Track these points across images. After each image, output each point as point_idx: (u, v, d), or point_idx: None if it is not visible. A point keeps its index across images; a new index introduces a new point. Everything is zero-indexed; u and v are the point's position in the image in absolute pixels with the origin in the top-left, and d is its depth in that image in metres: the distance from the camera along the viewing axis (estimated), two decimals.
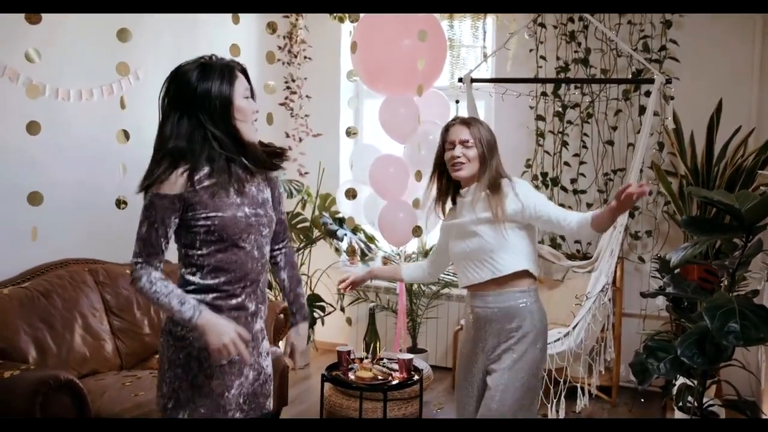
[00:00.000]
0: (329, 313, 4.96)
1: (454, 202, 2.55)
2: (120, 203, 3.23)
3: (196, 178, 1.85)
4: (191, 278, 1.93)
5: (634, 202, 2.13)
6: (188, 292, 1.89)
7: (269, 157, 2.02)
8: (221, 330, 1.79)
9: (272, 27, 3.42)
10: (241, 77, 1.95)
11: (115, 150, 3.33)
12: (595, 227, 2.27)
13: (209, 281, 1.91)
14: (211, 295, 1.92)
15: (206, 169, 1.87)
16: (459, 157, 2.39)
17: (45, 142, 3.30)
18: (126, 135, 3.17)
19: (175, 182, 1.83)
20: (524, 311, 2.38)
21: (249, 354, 1.89)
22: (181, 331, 1.91)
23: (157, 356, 3.69)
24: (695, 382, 3.18)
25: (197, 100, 1.86)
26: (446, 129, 2.48)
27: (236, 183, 1.91)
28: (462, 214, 2.45)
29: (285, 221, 2.19)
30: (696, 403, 3.18)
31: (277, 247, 2.18)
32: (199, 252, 1.91)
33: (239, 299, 1.95)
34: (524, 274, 2.39)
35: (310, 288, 5.06)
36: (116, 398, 3.11)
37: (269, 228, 2.02)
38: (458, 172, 2.41)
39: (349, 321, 4.95)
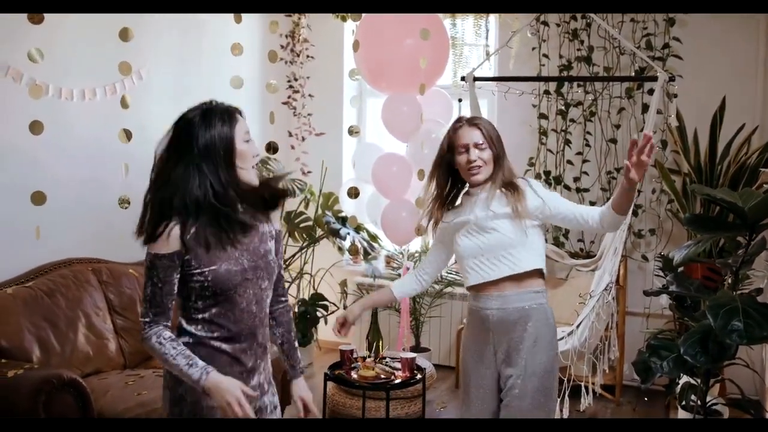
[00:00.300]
0: (332, 312, 4.96)
1: (453, 202, 2.50)
2: (123, 202, 3.23)
3: (192, 231, 1.82)
4: (188, 328, 1.91)
5: (647, 158, 2.05)
6: (185, 342, 1.87)
7: (271, 199, 1.98)
8: (225, 389, 1.77)
9: (275, 26, 3.41)
10: (241, 120, 1.91)
11: (117, 149, 3.34)
12: (617, 209, 2.24)
13: (204, 333, 1.89)
14: (205, 349, 1.88)
15: (201, 221, 1.83)
16: (476, 161, 2.33)
17: (48, 142, 3.32)
18: (128, 134, 3.17)
19: (170, 240, 1.80)
20: (539, 312, 2.34)
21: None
22: (180, 391, 1.89)
23: None
24: (699, 380, 3.17)
25: (200, 146, 1.82)
26: (453, 131, 2.41)
27: (233, 235, 1.86)
28: (472, 211, 2.39)
29: (283, 276, 2.12)
30: (699, 402, 3.17)
31: (273, 306, 2.10)
32: (195, 305, 1.89)
33: (234, 354, 1.91)
34: (538, 273, 2.37)
35: (313, 287, 5.07)
36: (119, 397, 3.12)
37: (269, 281, 1.97)
38: (477, 176, 2.36)
39: None
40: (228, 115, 1.88)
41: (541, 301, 2.36)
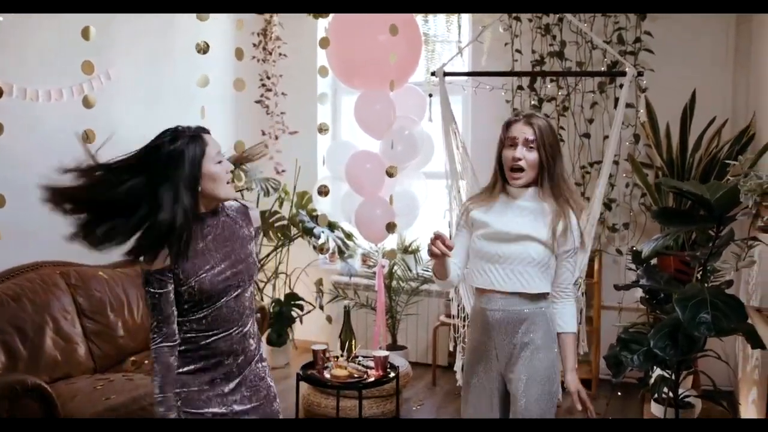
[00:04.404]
0: (308, 311, 4.93)
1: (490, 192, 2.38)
2: None
3: (177, 249, 1.93)
4: (184, 334, 2.02)
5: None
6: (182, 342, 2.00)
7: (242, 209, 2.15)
8: None
9: (240, 24, 3.37)
10: (211, 141, 1.99)
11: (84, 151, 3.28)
12: (558, 340, 2.35)
13: (193, 335, 2.01)
14: (195, 349, 2.02)
15: (184, 238, 1.93)
16: (520, 159, 2.23)
17: (11, 143, 3.25)
18: (91, 135, 3.10)
19: (163, 259, 1.93)
20: (541, 317, 2.30)
21: None
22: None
23: (132, 358, 3.69)
24: (671, 373, 3.19)
25: (172, 170, 1.92)
26: (507, 124, 2.31)
27: (213, 244, 2.01)
28: (505, 215, 2.30)
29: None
30: (671, 394, 3.19)
31: None
32: (183, 308, 2.00)
33: (221, 350, 2.04)
34: (545, 294, 2.33)
35: (289, 287, 5.03)
36: (87, 402, 3.07)
37: (250, 280, 2.10)
38: (517, 180, 2.26)
39: (329, 319, 4.92)
40: (198, 140, 1.96)
41: (543, 305, 2.32)
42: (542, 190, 2.28)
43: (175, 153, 1.92)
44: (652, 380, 3.38)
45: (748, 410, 3.40)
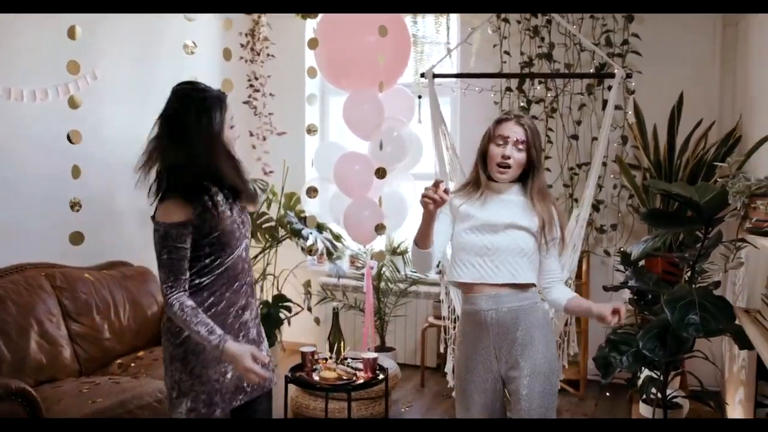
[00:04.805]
0: (296, 313, 4.90)
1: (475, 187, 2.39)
2: (74, 205, 3.14)
3: (205, 200, 2.07)
4: (198, 281, 2.13)
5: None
6: (195, 294, 2.11)
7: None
8: (238, 359, 2.01)
9: (229, 23, 3.35)
10: (229, 107, 2.16)
11: (70, 151, 3.25)
12: (566, 311, 2.40)
13: (204, 280, 2.12)
14: (206, 293, 2.13)
15: (211, 192, 2.09)
16: (509, 157, 2.28)
17: None
18: (78, 135, 3.07)
19: (185, 210, 2.04)
20: (534, 311, 2.31)
21: (266, 371, 2.07)
22: (176, 329, 2.11)
23: (119, 361, 3.66)
24: (659, 374, 3.20)
25: (197, 128, 2.07)
26: (498, 122, 2.34)
27: (231, 199, 2.17)
28: (488, 208, 2.32)
29: None
30: (660, 395, 3.20)
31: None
32: (197, 258, 2.11)
33: (230, 296, 2.17)
34: (533, 285, 2.35)
35: (277, 288, 5.01)
36: (73, 405, 3.03)
37: (250, 229, 2.30)
38: (503, 175, 2.30)
39: (317, 321, 4.90)
40: (220, 101, 2.13)
41: (535, 299, 2.33)
42: (526, 188, 2.35)
43: (204, 113, 2.07)
44: (640, 381, 3.40)
45: (735, 410, 3.42)
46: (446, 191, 2.05)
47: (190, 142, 2.05)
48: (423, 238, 2.23)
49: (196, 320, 2.02)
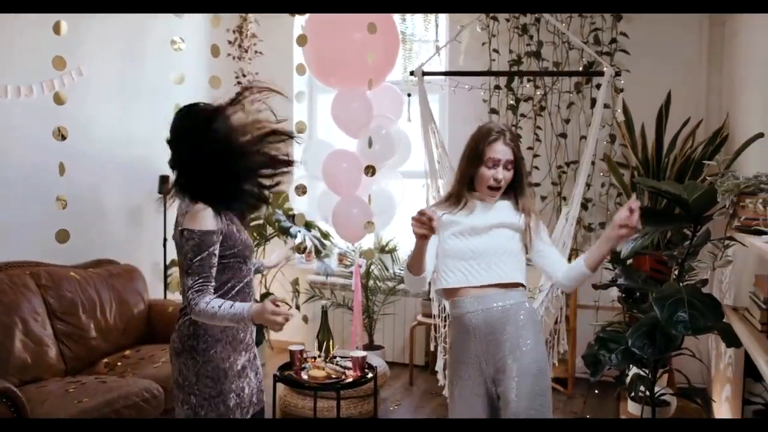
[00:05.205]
0: None
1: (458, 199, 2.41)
2: (60, 202, 3.09)
3: (225, 215, 2.18)
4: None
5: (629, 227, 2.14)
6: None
7: None
8: (261, 313, 2.06)
9: (217, 20, 3.31)
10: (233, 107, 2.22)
11: (55, 148, 3.20)
12: (590, 265, 2.29)
13: (224, 289, 2.19)
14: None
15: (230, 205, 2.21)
16: (501, 180, 2.32)
17: None
18: (64, 132, 3.02)
19: (214, 219, 2.12)
20: (520, 310, 2.30)
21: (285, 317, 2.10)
22: (202, 345, 2.17)
23: (105, 360, 3.62)
24: (647, 371, 3.21)
25: (226, 141, 2.16)
26: (488, 142, 2.32)
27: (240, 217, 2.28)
28: (472, 213, 2.35)
29: None
30: (648, 393, 3.21)
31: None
32: (237, 276, 2.22)
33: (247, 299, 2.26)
34: (521, 284, 2.36)
35: (265, 286, 4.98)
36: (59, 405, 3.00)
37: None
38: (493, 198, 2.35)
39: (305, 319, 4.88)
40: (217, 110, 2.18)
41: (522, 299, 2.32)
42: (509, 194, 2.39)
43: (220, 125, 2.15)
44: (628, 379, 3.40)
45: (722, 407, 3.44)
46: (430, 219, 2.09)
47: (199, 145, 2.14)
48: (417, 266, 2.27)
49: (220, 303, 2.07)
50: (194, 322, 2.15)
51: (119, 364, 3.62)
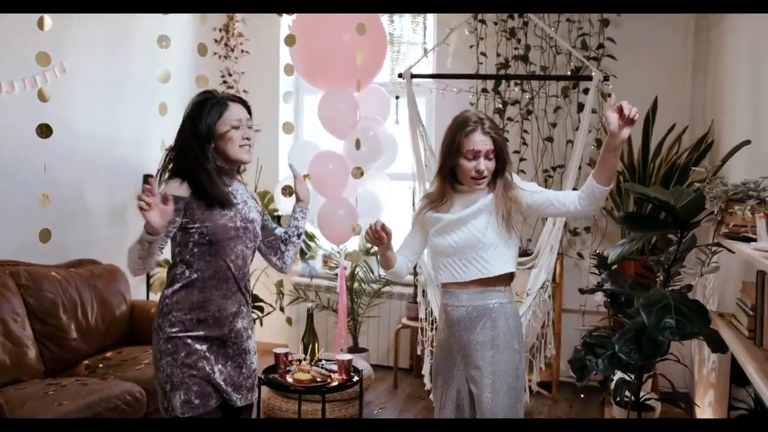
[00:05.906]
0: (268, 313, 4.84)
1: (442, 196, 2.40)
2: (43, 200, 3.04)
3: (195, 191, 2.18)
4: (182, 272, 2.22)
5: (626, 120, 2.05)
6: (178, 284, 2.21)
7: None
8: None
9: (204, 18, 3.28)
10: (235, 108, 2.25)
11: (38, 145, 3.15)
12: (601, 180, 2.15)
13: (197, 276, 2.21)
14: (198, 292, 2.21)
15: (203, 184, 2.18)
16: (483, 171, 2.27)
17: None
18: (46, 129, 2.97)
19: (179, 188, 2.15)
20: (499, 311, 2.31)
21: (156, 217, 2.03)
22: (165, 324, 2.20)
23: (86, 362, 3.56)
24: (632, 376, 3.21)
25: (196, 128, 2.21)
26: (465, 133, 2.27)
27: (224, 198, 2.22)
28: (452, 208, 2.35)
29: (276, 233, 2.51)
30: (633, 397, 3.21)
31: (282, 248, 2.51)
32: (190, 252, 2.21)
33: (221, 297, 2.24)
34: (508, 276, 2.35)
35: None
36: (38, 408, 2.94)
37: (254, 243, 2.35)
38: (479, 186, 2.31)
39: (289, 321, 4.84)
40: (219, 104, 2.23)
41: (503, 300, 2.33)
42: (491, 185, 2.34)
43: (195, 113, 2.22)
44: (613, 383, 3.41)
45: (705, 412, 3.46)
46: (383, 228, 2.26)
47: (184, 135, 2.22)
48: (385, 263, 2.45)
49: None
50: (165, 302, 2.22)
51: (100, 365, 3.56)
